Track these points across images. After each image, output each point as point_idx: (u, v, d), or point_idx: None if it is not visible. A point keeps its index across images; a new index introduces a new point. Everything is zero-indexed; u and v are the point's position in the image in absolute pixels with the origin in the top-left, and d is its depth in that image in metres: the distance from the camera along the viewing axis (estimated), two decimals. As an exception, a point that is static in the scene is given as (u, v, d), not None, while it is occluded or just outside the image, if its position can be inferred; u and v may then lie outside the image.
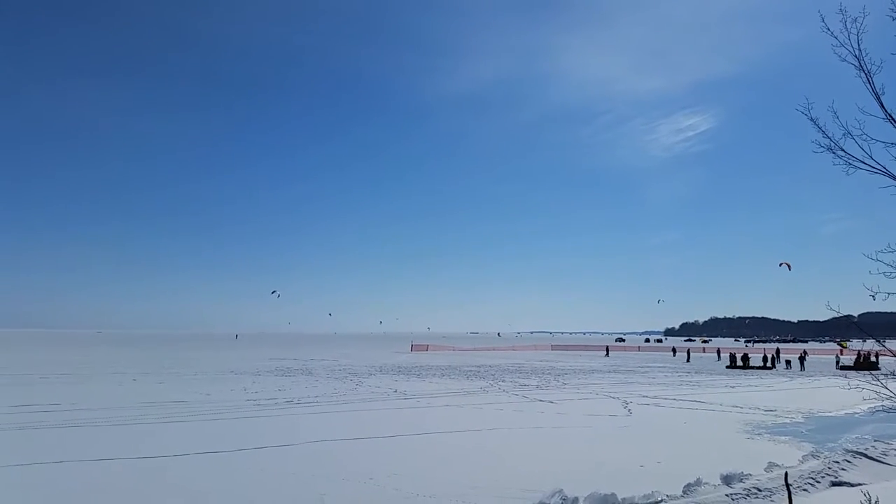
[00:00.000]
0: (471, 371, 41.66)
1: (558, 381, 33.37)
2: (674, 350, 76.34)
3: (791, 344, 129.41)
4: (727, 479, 10.83)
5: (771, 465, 12.01)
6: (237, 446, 14.01)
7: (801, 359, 51.69)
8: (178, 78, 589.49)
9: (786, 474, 9.59)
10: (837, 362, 51.83)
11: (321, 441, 14.75)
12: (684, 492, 10.29)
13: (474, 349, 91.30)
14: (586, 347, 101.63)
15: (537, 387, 29.91)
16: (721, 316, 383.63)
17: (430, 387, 29.34)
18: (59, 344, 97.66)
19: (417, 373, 39.33)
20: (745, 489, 10.43)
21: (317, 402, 22.81)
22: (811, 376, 40.85)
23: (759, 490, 10.36)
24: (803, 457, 13.34)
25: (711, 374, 42.50)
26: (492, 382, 32.18)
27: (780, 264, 52.60)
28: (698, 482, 10.59)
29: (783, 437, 16.17)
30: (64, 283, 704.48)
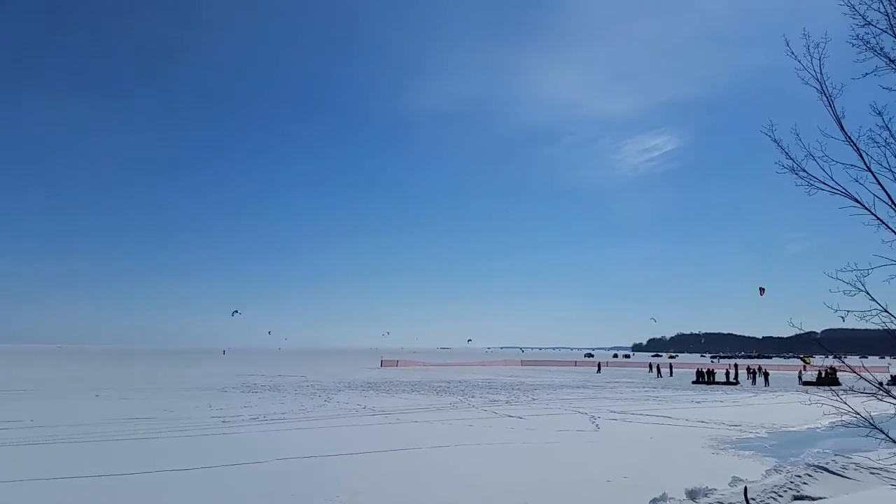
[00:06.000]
0: (441, 387, 41.48)
1: (528, 397, 33.42)
2: (650, 366, 76.71)
3: (756, 360, 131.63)
4: (692, 494, 10.92)
5: (735, 480, 12.15)
6: (202, 464, 13.69)
7: (766, 374, 52.74)
8: (161, 93, 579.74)
9: (745, 489, 9.75)
10: (800, 378, 52.82)
11: (287, 458, 14.48)
12: (651, 507, 10.36)
13: (444, 364, 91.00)
14: (556, 363, 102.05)
15: (507, 402, 29.91)
16: (687, 332, 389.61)
17: (400, 403, 29.12)
18: (27, 359, 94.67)
19: (387, 389, 39.03)
20: (708, 503, 10.54)
21: (284, 418, 22.45)
22: (775, 392, 41.58)
23: (724, 505, 10.47)
24: (766, 471, 13.54)
25: (678, 389, 43.02)
26: (462, 398, 32.07)
27: (760, 288, 53.79)
28: (664, 497, 10.66)
29: (747, 452, 16.41)
30: (37, 297, 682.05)
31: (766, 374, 52.80)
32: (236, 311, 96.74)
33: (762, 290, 53.57)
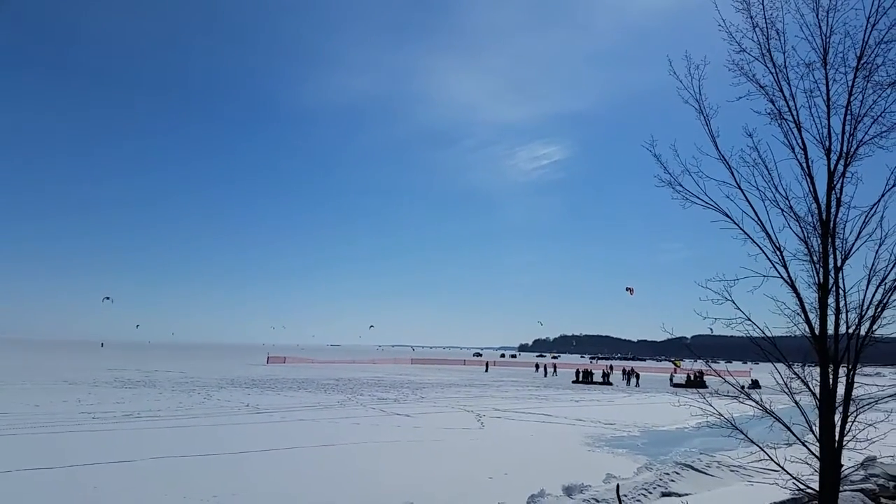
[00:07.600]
0: (329, 384, 40.72)
1: (416, 395, 33.53)
2: (536, 366, 79.01)
3: (630, 362, 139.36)
4: (568, 491, 11.32)
5: (609, 477, 12.72)
6: (70, 462, 12.59)
7: (637, 376, 56.01)
8: (60, 73, 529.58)
9: (617, 486, 10.22)
10: (671, 380, 56.31)
11: (161, 458, 13.61)
12: (528, 502, 10.63)
13: (334, 362, 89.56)
14: (445, 361, 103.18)
15: (395, 400, 29.84)
16: (570, 333, 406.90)
17: (285, 401, 28.27)
18: None
19: (272, 386, 37.77)
20: (584, 500, 10.94)
21: (159, 416, 21.12)
22: (647, 393, 44.21)
23: (598, 501, 10.91)
24: (638, 469, 14.28)
25: (559, 388, 44.80)
26: (350, 396, 31.64)
27: (627, 289, 56.66)
28: (542, 493, 10.97)
29: (621, 450, 17.28)
30: None
31: (637, 376, 56.10)
32: (107, 298, 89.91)
33: (630, 290, 56.80)
